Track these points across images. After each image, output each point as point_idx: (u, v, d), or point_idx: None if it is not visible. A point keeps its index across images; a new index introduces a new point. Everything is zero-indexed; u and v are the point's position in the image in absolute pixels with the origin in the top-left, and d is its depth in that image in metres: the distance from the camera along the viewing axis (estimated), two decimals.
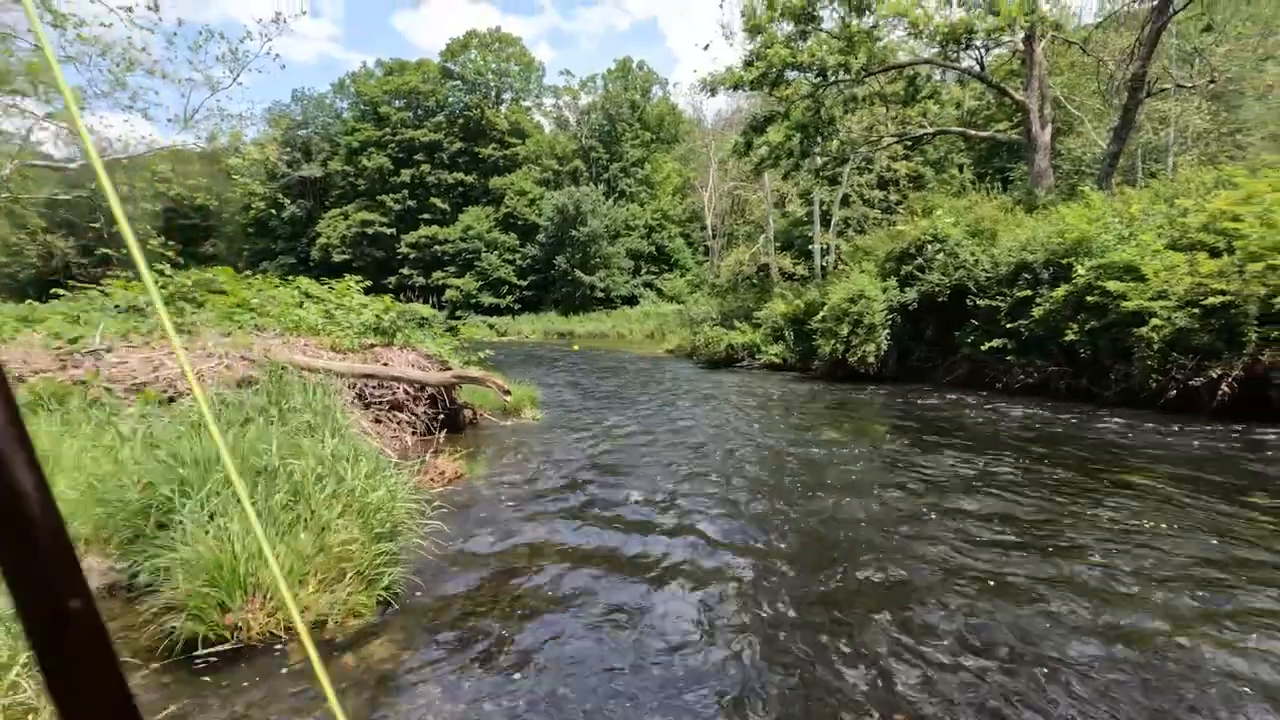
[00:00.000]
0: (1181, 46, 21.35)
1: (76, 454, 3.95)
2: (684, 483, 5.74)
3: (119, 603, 3.22)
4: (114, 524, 3.34)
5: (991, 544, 4.13)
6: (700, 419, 9.20)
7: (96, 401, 4.91)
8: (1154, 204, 10.98)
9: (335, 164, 52.55)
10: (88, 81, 18.33)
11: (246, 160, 24.69)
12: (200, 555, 2.89)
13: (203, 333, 7.04)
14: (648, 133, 51.84)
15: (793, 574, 3.76)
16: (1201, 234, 9.31)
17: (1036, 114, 16.42)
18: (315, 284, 10.68)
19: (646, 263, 47.08)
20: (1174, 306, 8.70)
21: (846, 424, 8.78)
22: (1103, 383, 9.72)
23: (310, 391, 4.77)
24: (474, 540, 4.30)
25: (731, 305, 21.88)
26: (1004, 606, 3.28)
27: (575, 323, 39.72)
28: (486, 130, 52.01)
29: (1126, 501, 4.95)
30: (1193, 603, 3.28)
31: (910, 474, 5.91)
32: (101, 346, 6.25)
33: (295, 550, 3.04)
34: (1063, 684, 2.61)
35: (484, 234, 47.52)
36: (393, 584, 3.33)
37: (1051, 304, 10.35)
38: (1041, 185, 16.13)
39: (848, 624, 3.15)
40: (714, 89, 19.63)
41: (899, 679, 2.68)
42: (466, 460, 6.07)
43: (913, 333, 13.46)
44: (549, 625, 3.20)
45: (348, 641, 2.99)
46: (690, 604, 3.41)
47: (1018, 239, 11.84)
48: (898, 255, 13.84)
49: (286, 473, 3.39)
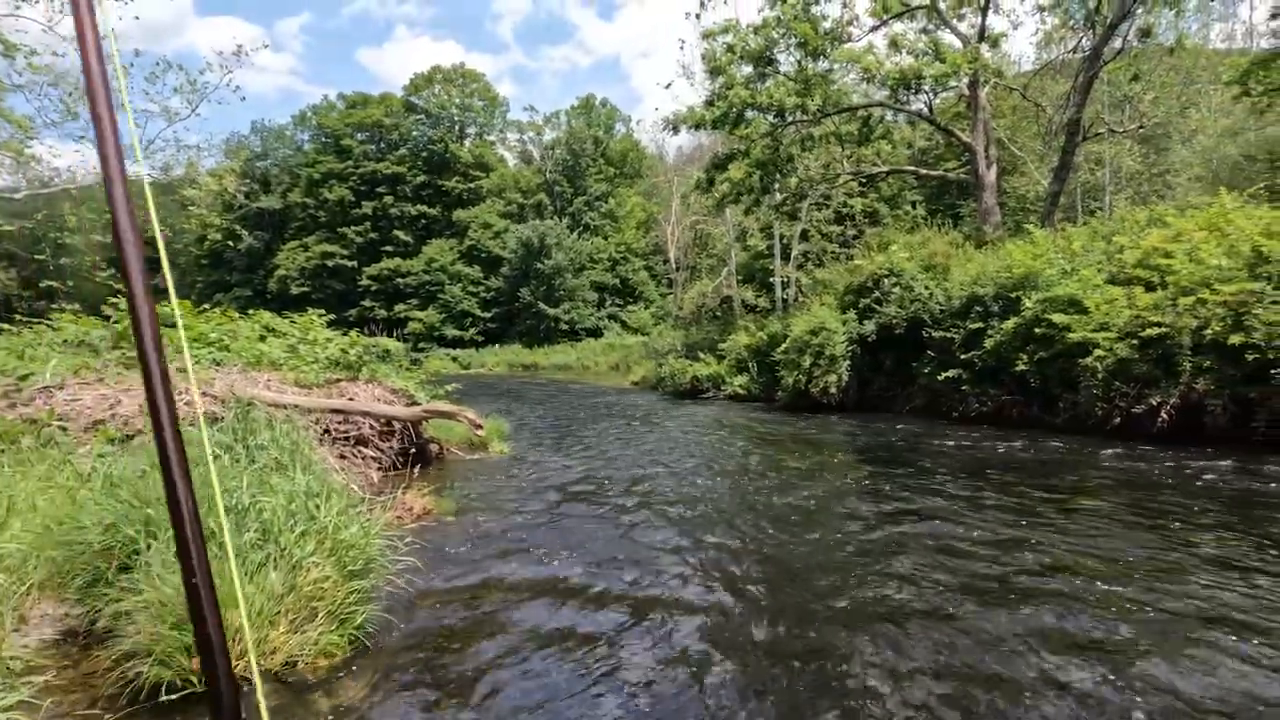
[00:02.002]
0: (1113, 93, 22.78)
1: (30, 494, 3.82)
2: (653, 514, 5.78)
3: (76, 649, 3.10)
4: (72, 567, 3.24)
5: (952, 566, 4.27)
6: (667, 451, 9.27)
7: (51, 440, 4.76)
8: (1093, 241, 11.61)
9: (295, 195, 51.96)
10: (38, 110, 17.90)
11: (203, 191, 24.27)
12: (166, 597, 2.83)
13: None
14: (611, 168, 52.68)
15: (762, 603, 3.83)
16: (1137, 269, 9.87)
17: (982, 154, 17.27)
18: (277, 317, 10.51)
19: (611, 295, 47.42)
20: (1115, 338, 9.16)
21: (810, 454, 8.95)
22: (1053, 410, 10.12)
23: (277, 428, 4.70)
24: (445, 577, 4.26)
25: (696, 337, 22.16)
26: (966, 623, 3.39)
27: (540, 355, 39.62)
28: (450, 164, 52.19)
29: (1075, 521, 5.16)
30: (1140, 606, 3.44)
31: (872, 502, 6.06)
32: (53, 383, 6.06)
33: (265, 590, 3.00)
34: (1029, 697, 2.72)
35: (447, 266, 47.35)
36: (365, 622, 3.29)
37: (1002, 335, 10.78)
38: (989, 222, 16.89)
39: (818, 650, 3.22)
40: (676, 127, 20.16)
41: (870, 704, 2.75)
42: (435, 495, 6.02)
43: (872, 364, 13.84)
44: (522, 661, 3.19)
45: (319, 683, 2.94)
46: (662, 636, 3.44)
47: (969, 273, 12.36)
48: (856, 288, 14.27)
49: (256, 510, 3.34)
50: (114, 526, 3.20)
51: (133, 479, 3.57)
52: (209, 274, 52.96)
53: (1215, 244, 9.14)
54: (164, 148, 23.12)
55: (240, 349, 8.48)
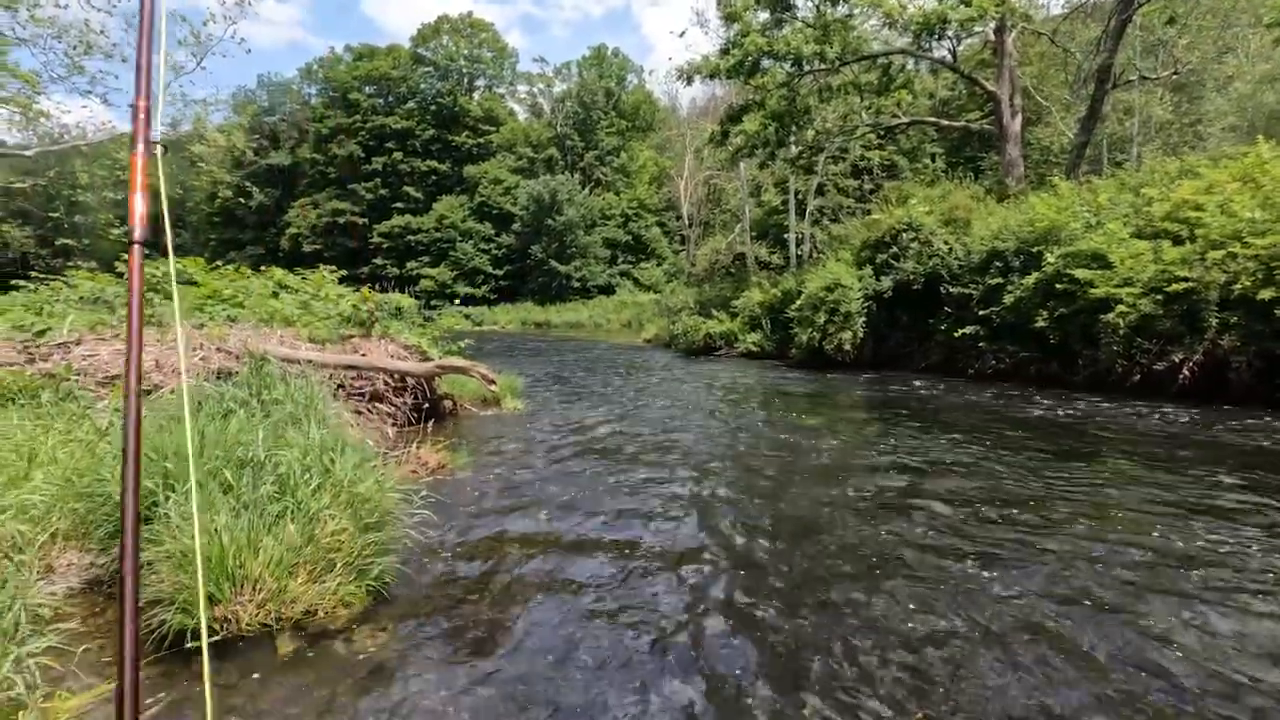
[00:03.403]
0: (1146, 38, 21.83)
1: (52, 448, 3.87)
2: (667, 469, 5.79)
3: (102, 598, 3.17)
4: (94, 518, 3.29)
5: (968, 521, 4.25)
6: (681, 407, 9.27)
7: (69, 394, 4.81)
8: (1120, 193, 11.27)
9: (304, 152, 51.50)
10: (43, 65, 17.71)
11: (212, 148, 24.06)
12: (187, 547, 2.86)
13: (173, 324, 6.90)
14: (623, 121, 51.63)
15: (779, 556, 3.83)
16: (1165, 222, 9.59)
17: (1007, 104, 16.69)
18: (289, 274, 10.49)
19: (623, 252, 47.00)
20: (1139, 293, 8.97)
21: (824, 410, 8.91)
22: (1071, 368, 9.99)
23: (291, 383, 4.71)
24: (460, 530, 4.30)
25: (709, 294, 21.98)
26: (985, 579, 3.38)
27: (552, 312, 39.58)
28: (460, 117, 51.36)
29: (1092, 477, 5.12)
30: (1152, 569, 3.42)
31: (886, 457, 6.03)
32: (70, 339, 6.10)
33: (284, 541, 3.03)
34: (1049, 654, 2.72)
35: (458, 223, 47.03)
36: (382, 574, 3.33)
37: (1022, 291, 10.59)
38: (1012, 175, 16.43)
39: (836, 604, 3.23)
40: (690, 77, 19.62)
41: (889, 659, 2.76)
42: (449, 451, 6.05)
43: (888, 320, 13.68)
44: (538, 612, 3.22)
45: (338, 631, 2.99)
46: (678, 587, 3.46)
47: (990, 228, 12.08)
48: (873, 244, 14.02)
49: (273, 464, 3.36)
50: None
51: (149, 433, 3.60)
52: (221, 232, 52.99)
53: (1249, 196, 8.84)
54: (171, 103, 22.85)
55: (254, 306, 8.48)
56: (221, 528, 2.93)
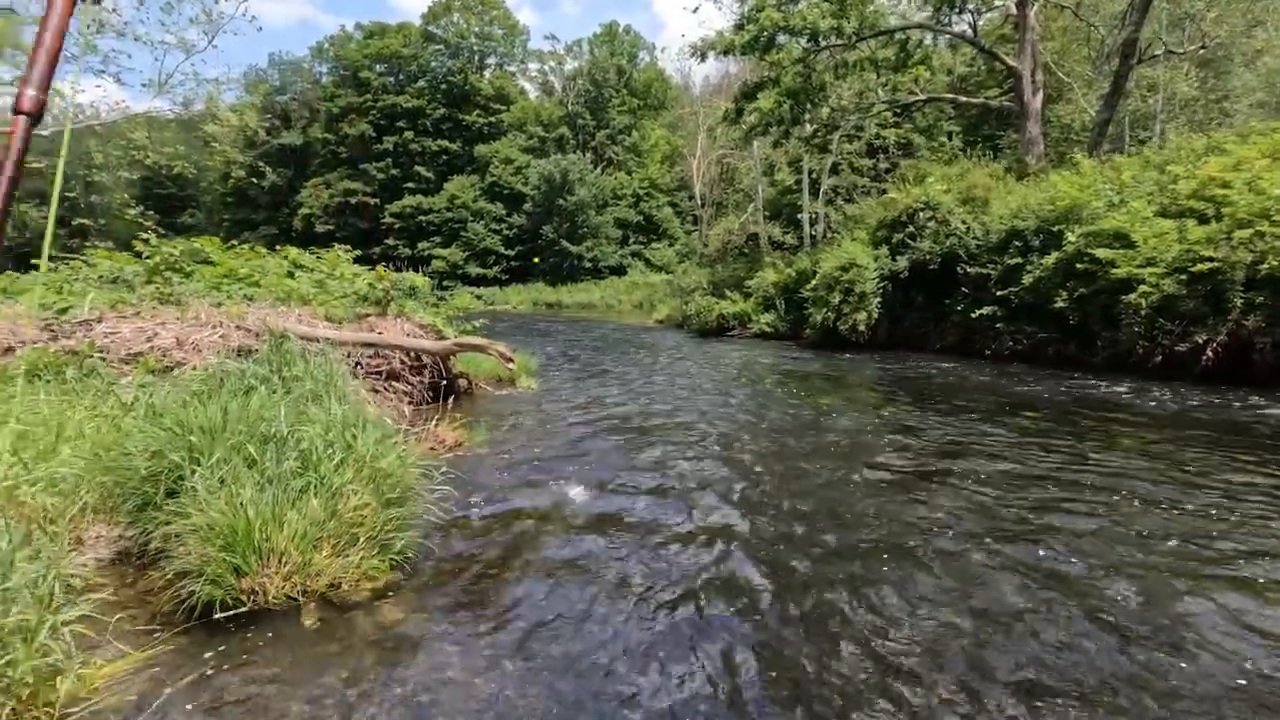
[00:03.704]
0: (1173, 11, 21.26)
1: (78, 423, 3.92)
2: (682, 448, 5.80)
3: (132, 569, 3.23)
4: (122, 492, 3.33)
5: (986, 500, 4.23)
6: (694, 387, 9.26)
7: (93, 371, 4.86)
8: (1144, 171, 11.05)
9: (315, 131, 51.42)
10: None
11: (224, 127, 24.08)
12: (213, 521, 2.90)
13: (193, 303, 6.94)
14: (635, 99, 51.10)
15: (797, 533, 3.84)
16: (1191, 201, 9.40)
17: (1028, 80, 16.35)
18: (304, 253, 10.52)
19: (635, 232, 46.76)
20: (1162, 273, 8.82)
21: (838, 390, 8.87)
22: (1091, 349, 9.88)
23: (310, 360, 4.74)
24: (480, 506, 4.34)
25: (722, 275, 21.87)
26: (1002, 559, 3.37)
27: (563, 293, 39.55)
28: (470, 96, 51.02)
29: (1112, 460, 5.07)
30: (1175, 552, 3.39)
31: (904, 438, 6.01)
32: (91, 316, 6.15)
33: (307, 515, 3.06)
34: (1075, 633, 2.71)
35: (469, 203, 46.90)
36: (404, 548, 3.36)
37: (1041, 271, 10.45)
38: (1032, 152, 16.14)
39: (854, 581, 3.23)
40: (704, 54, 19.35)
41: (906, 636, 2.76)
42: (466, 428, 6.09)
43: (903, 301, 13.57)
44: (560, 587, 3.25)
45: (362, 604, 3.03)
46: (695, 563, 3.48)
47: (1009, 207, 11.90)
48: (889, 223, 13.86)
49: (295, 440, 3.39)
50: (159, 454, 3.27)
51: (175, 408, 3.63)
52: (234, 212, 53.16)
53: (1279, 173, 8.63)
54: (183, 82, 22.81)
55: (270, 285, 8.52)
56: (247, 501, 2.96)
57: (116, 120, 21.58)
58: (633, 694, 2.41)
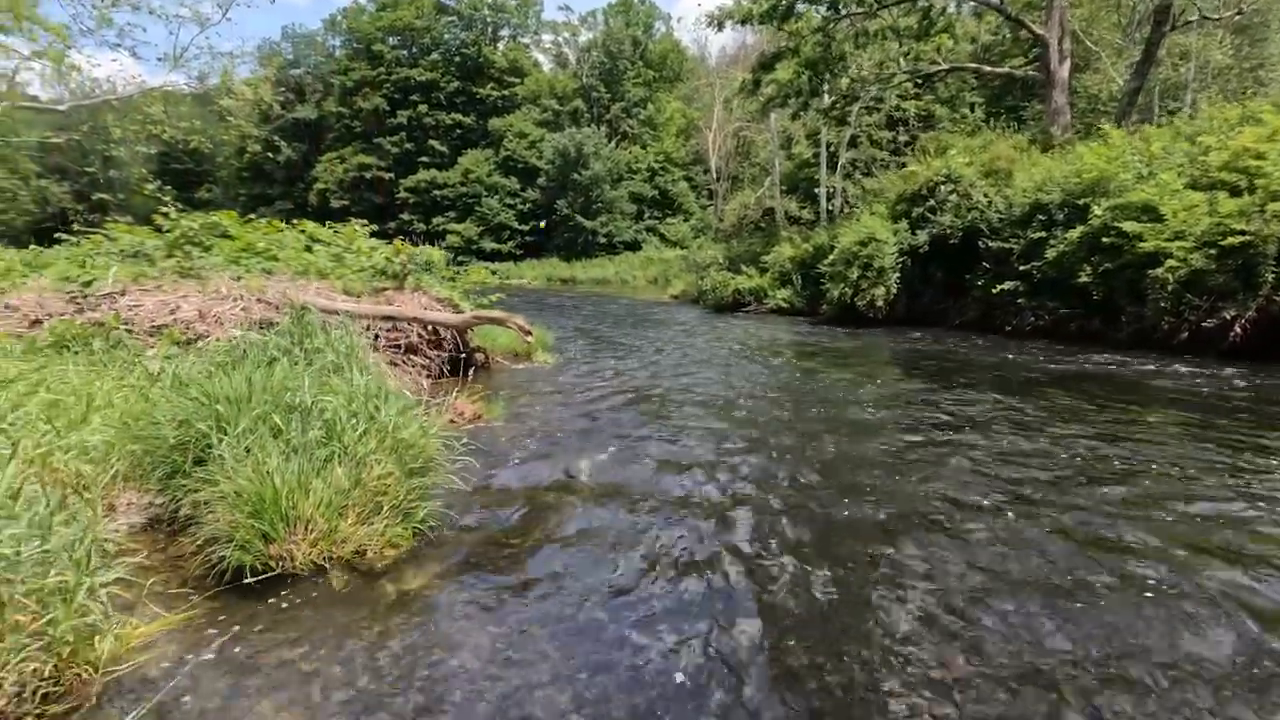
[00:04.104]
0: None
1: (107, 393, 3.99)
2: (698, 421, 5.81)
3: (164, 535, 3.31)
4: (152, 460, 3.40)
5: (1005, 476, 4.20)
6: (711, 361, 9.24)
7: (119, 343, 4.93)
8: (1174, 142, 10.74)
9: (329, 105, 51.20)
10: (72, 17, 17.73)
11: (239, 101, 24.04)
12: (241, 488, 2.95)
13: (213, 276, 7.00)
14: (650, 71, 50.32)
15: (814, 506, 3.84)
16: (1223, 172, 9.15)
17: (1055, 48, 15.88)
18: (321, 227, 10.55)
19: (650, 207, 46.37)
20: (1191, 247, 8.62)
21: (857, 366, 8.82)
22: (1114, 325, 9.72)
23: (331, 332, 4.78)
24: (500, 477, 4.38)
25: (738, 250, 21.67)
26: (1021, 536, 3.36)
27: (578, 268, 39.46)
28: (484, 68, 50.50)
29: (1134, 436, 5.01)
30: (1196, 528, 3.36)
31: (918, 412, 5.97)
32: (115, 290, 6.23)
33: (332, 484, 3.10)
34: (1089, 609, 2.70)
35: (484, 177, 46.68)
36: (427, 517, 3.41)
37: (1066, 245, 10.25)
38: (1058, 123, 15.74)
39: (872, 552, 3.23)
40: (720, 23, 18.98)
41: (926, 609, 2.77)
42: (484, 401, 6.13)
43: (922, 276, 13.38)
44: (579, 555, 3.29)
45: (387, 570, 3.08)
46: (713, 534, 3.50)
47: (1033, 179, 11.64)
48: (909, 197, 13.62)
49: (319, 410, 3.43)
50: (186, 423, 3.33)
51: (200, 378, 3.69)
52: (250, 187, 53.30)
53: None
54: (198, 55, 22.77)
55: (288, 259, 8.56)
56: (273, 470, 3.01)
57: (133, 95, 21.61)
58: (650, 660, 2.44)
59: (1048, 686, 2.24)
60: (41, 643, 2.07)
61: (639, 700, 2.22)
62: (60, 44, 17.44)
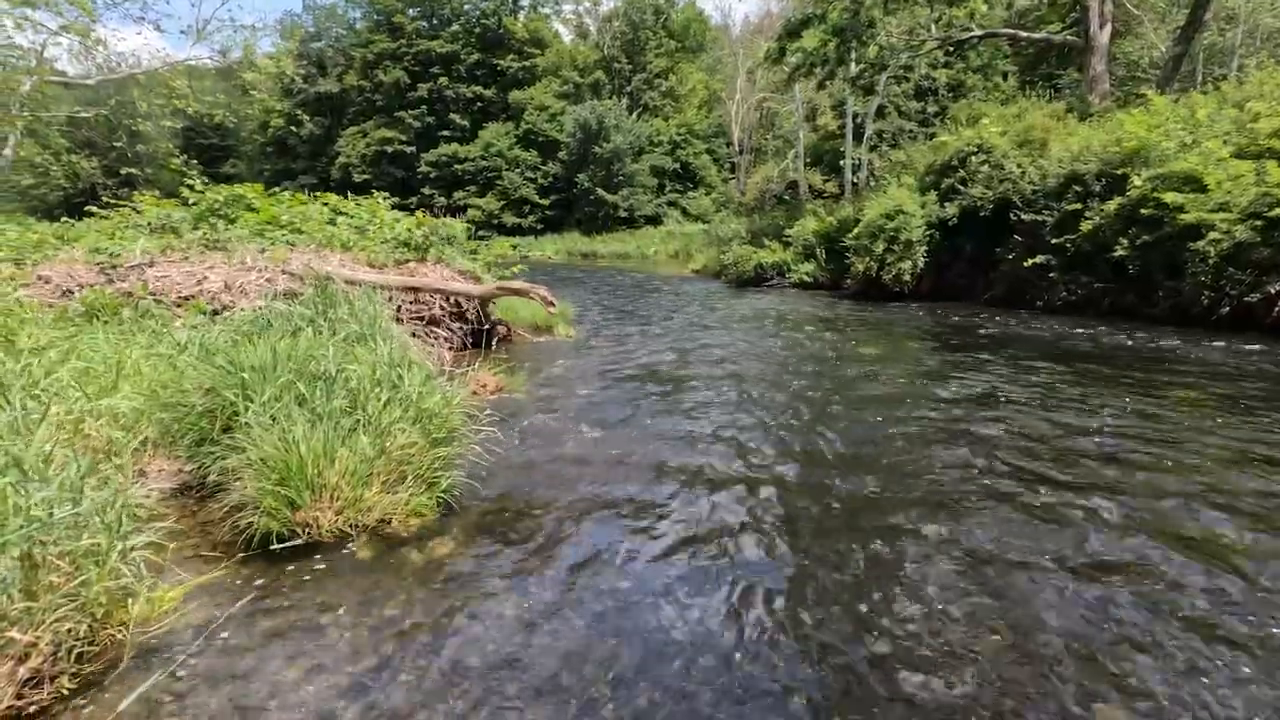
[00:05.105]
0: None
1: (136, 361, 4.04)
2: (722, 395, 5.75)
3: (193, 501, 3.35)
4: (180, 427, 3.44)
5: (1034, 453, 4.11)
6: (733, 335, 9.15)
7: (147, 313, 4.99)
8: (1221, 109, 10.29)
9: (351, 78, 51.05)
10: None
11: (262, 75, 24.04)
12: (267, 456, 2.97)
13: (237, 248, 7.05)
14: (672, 41, 49.36)
15: (838, 481, 3.78)
16: (1273, 140, 8.76)
17: (1096, 12, 15.26)
18: (343, 200, 10.57)
19: (671, 180, 45.80)
20: (1235, 219, 8.30)
21: (883, 340, 8.68)
22: (1150, 299, 9.43)
23: (355, 303, 4.78)
24: (522, 448, 4.38)
25: (760, 224, 21.35)
26: (1050, 514, 3.28)
27: (599, 243, 39.27)
28: (504, 40, 49.94)
29: (1168, 415, 4.86)
30: (1230, 513, 3.25)
31: (945, 389, 5.85)
32: (143, 261, 6.30)
33: (358, 453, 3.11)
34: (1119, 589, 2.63)
35: (505, 151, 46.40)
36: (451, 487, 3.42)
37: (1102, 217, 9.92)
38: (1096, 91, 15.18)
39: (896, 529, 3.18)
40: None
41: (951, 584, 2.72)
42: (507, 374, 6.13)
43: (950, 249, 13.06)
44: (605, 527, 3.28)
45: (411, 539, 3.10)
46: (736, 508, 3.46)
47: (1069, 149, 11.25)
48: (938, 168, 13.27)
49: (343, 379, 3.43)
50: (213, 390, 3.35)
51: (226, 347, 3.71)
52: (274, 162, 53.58)
53: None
54: (220, 28, 22.77)
55: (311, 231, 8.60)
56: (299, 438, 3.02)
57: (158, 68, 21.70)
58: (669, 631, 2.43)
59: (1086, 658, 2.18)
60: (76, 604, 2.10)
61: (664, 669, 2.21)
62: (85, 18, 17.53)
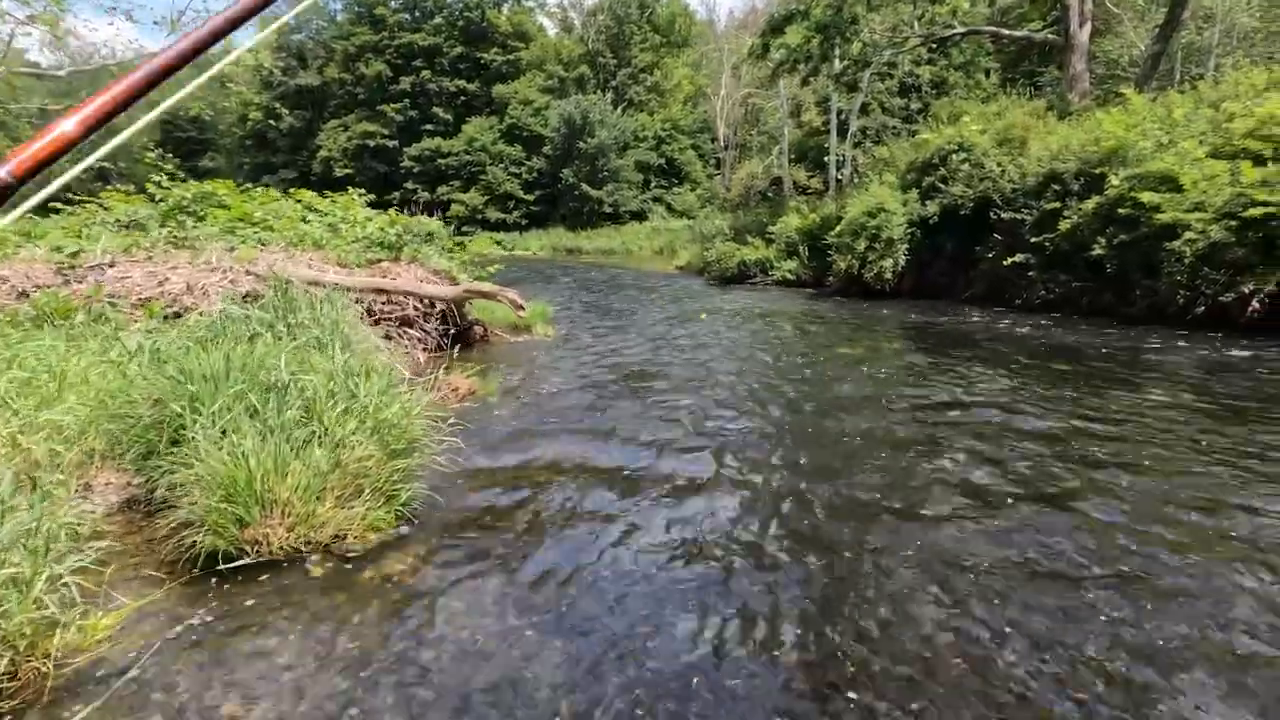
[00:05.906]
0: None
1: (84, 369, 3.89)
2: (699, 398, 5.68)
3: (139, 516, 3.22)
4: (128, 439, 3.31)
5: (1010, 457, 4.07)
6: (714, 335, 9.09)
7: (101, 316, 4.82)
8: (1197, 108, 10.35)
9: (331, 71, 50.29)
10: None
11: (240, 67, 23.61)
12: (215, 471, 2.85)
13: (205, 247, 6.87)
14: (657, 36, 49.11)
15: (810, 486, 3.72)
16: (1247, 140, 8.81)
17: (1076, 10, 15.30)
18: (318, 197, 10.38)
19: (656, 176, 45.60)
20: (1210, 219, 8.35)
21: (861, 339, 8.65)
22: (1127, 299, 9.47)
23: (317, 306, 4.65)
24: (490, 456, 4.28)
25: (744, 220, 21.29)
26: (1011, 516, 3.24)
27: (583, 239, 39.04)
28: (488, 33, 49.44)
29: (1142, 413, 4.86)
30: (1197, 513, 3.23)
31: (924, 389, 5.82)
32: (104, 261, 6.11)
33: (311, 466, 3.00)
34: (1088, 593, 2.59)
35: (488, 146, 45.98)
36: (410, 500, 3.32)
37: (1080, 217, 9.95)
38: (1076, 89, 15.24)
39: (867, 535, 3.12)
40: None
41: (927, 592, 2.66)
42: (480, 377, 6.02)
43: (931, 248, 13.08)
44: (568, 540, 3.19)
45: (367, 556, 2.99)
46: (708, 516, 3.39)
47: (1049, 147, 11.27)
48: (920, 166, 13.27)
49: (298, 389, 3.31)
50: (161, 402, 3.22)
51: (178, 355, 3.57)
52: (254, 156, 52.71)
53: None
54: (195, 19, 22.31)
55: (283, 229, 8.42)
56: (249, 451, 2.90)
57: (131, 59, 21.23)
58: (639, 649, 2.35)
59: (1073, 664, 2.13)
60: None
61: (628, 685, 2.13)
62: (54, 8, 17.09)
